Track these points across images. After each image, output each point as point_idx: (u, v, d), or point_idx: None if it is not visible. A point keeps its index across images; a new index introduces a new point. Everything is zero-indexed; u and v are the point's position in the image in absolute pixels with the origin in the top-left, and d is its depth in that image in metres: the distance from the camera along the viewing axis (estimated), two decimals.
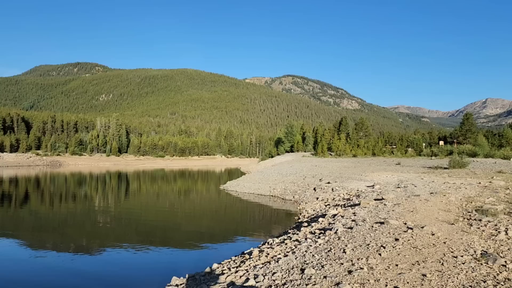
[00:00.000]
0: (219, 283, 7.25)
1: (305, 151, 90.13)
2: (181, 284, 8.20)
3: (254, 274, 6.99)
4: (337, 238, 8.73)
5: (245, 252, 10.34)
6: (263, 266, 7.56)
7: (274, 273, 6.80)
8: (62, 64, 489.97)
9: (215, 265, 9.16)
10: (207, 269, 8.82)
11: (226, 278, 7.33)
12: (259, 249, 9.98)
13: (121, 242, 14.52)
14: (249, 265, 8.18)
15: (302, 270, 6.59)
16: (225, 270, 8.32)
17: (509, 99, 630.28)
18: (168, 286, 8.32)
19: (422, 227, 8.79)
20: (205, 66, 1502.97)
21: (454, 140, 74.40)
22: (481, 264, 6.18)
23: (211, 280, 7.73)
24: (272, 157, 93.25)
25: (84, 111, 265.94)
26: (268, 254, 8.92)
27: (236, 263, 9.06)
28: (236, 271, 7.74)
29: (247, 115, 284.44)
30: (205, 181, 54.50)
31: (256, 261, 8.44)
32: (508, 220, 9.66)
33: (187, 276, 8.64)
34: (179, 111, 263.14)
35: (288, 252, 8.49)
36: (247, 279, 6.73)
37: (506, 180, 19.35)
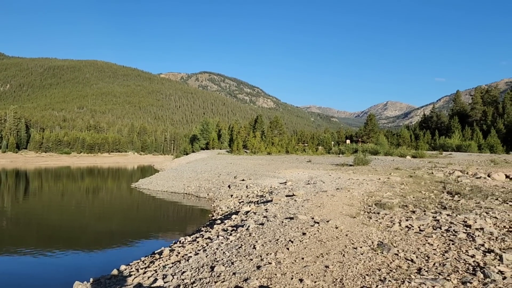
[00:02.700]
0: (125, 286, 6.94)
1: (220, 149, 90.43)
2: None
3: (163, 274, 6.81)
4: (248, 235, 8.86)
5: (155, 252, 10.05)
6: (172, 266, 7.40)
7: (184, 272, 6.69)
8: None
9: (122, 267, 8.76)
10: (114, 272, 8.40)
11: (133, 280, 7.03)
12: (170, 248, 9.77)
13: (17, 247, 13.26)
14: (159, 265, 7.95)
15: (212, 268, 6.57)
16: (133, 271, 7.99)
17: (406, 103, 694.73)
18: None
19: (328, 221, 9.29)
20: (116, 59, 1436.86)
21: (359, 139, 79.91)
22: (377, 254, 6.69)
23: (117, 283, 7.37)
24: (187, 154, 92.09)
25: None
26: (179, 253, 8.76)
27: (145, 263, 8.76)
28: (145, 272, 7.47)
29: (162, 111, 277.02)
30: (116, 179, 52.07)
31: (166, 260, 8.23)
32: (402, 213, 10.61)
33: (91, 280, 8.14)
34: (88, 105, 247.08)
35: (199, 250, 8.42)
36: (155, 280, 6.53)
37: (402, 176, 21.27)
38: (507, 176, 20.38)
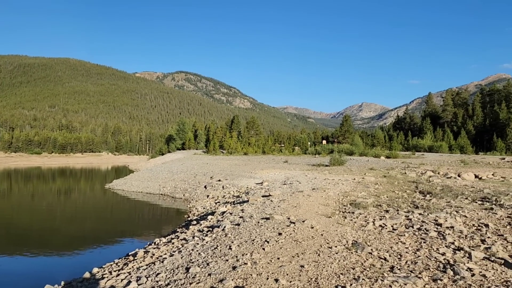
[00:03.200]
0: None
1: (197, 149, 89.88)
2: None
3: (137, 277, 6.70)
4: (224, 235, 8.83)
5: (129, 253, 9.89)
6: (147, 268, 7.29)
7: (158, 273, 6.60)
8: None
9: (95, 270, 8.58)
10: (86, 275, 8.22)
11: (106, 283, 6.89)
12: (144, 250, 9.64)
13: None
14: (133, 267, 7.82)
15: (187, 269, 6.51)
16: (106, 274, 7.83)
17: (381, 104, 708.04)
18: None
19: (303, 221, 9.35)
20: (90, 57, 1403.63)
21: (335, 140, 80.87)
22: (352, 253, 6.79)
23: (89, 286, 7.22)
24: (162, 154, 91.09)
25: None
26: (154, 254, 8.65)
27: (119, 266, 8.60)
28: (118, 275, 7.33)
29: (137, 110, 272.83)
30: (89, 179, 51.02)
31: (141, 262, 8.10)
32: (376, 212, 10.79)
33: (62, 283, 7.95)
34: (60, 104, 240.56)
35: (175, 251, 8.32)
36: (129, 282, 6.42)
37: (376, 176, 21.65)
38: (476, 176, 21.03)
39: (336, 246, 7.20)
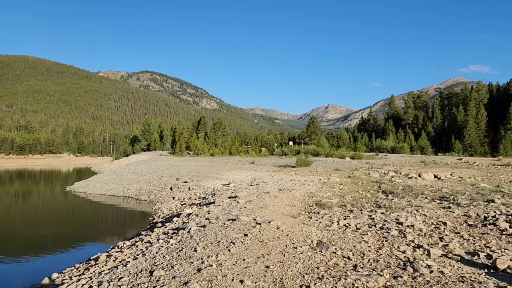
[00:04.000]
0: None
1: (162, 150, 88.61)
2: None
3: (99, 281, 6.51)
4: (190, 237, 8.74)
5: (91, 258, 9.60)
6: (109, 272, 7.09)
7: (121, 278, 6.44)
8: None
9: (54, 275, 8.27)
10: (45, 280, 7.91)
11: None
12: (107, 254, 9.38)
13: None
14: (94, 271, 7.59)
15: (151, 272, 6.39)
16: (66, 279, 7.56)
17: (346, 106, 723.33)
18: None
19: (269, 222, 9.40)
20: (50, 55, 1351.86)
21: (302, 141, 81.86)
22: (316, 252, 6.88)
23: None
24: (127, 155, 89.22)
25: None
26: (117, 258, 8.43)
27: (79, 270, 8.32)
28: (78, 280, 7.10)
29: (101, 111, 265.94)
30: (49, 182, 49.24)
31: (103, 267, 7.88)
32: (340, 212, 10.99)
33: None
34: (18, 104, 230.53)
35: (139, 254, 8.16)
36: (90, 287, 6.24)
37: (341, 177, 22.07)
38: (435, 176, 21.84)
39: (301, 246, 7.27)
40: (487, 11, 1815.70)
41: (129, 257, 8.18)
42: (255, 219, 9.93)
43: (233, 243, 7.61)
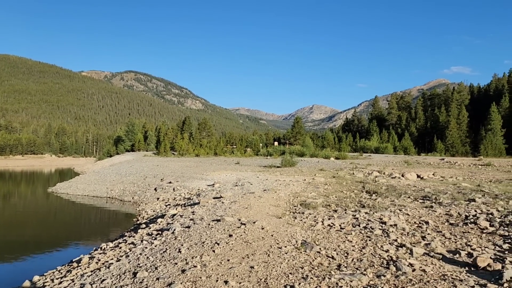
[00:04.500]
0: None
1: (147, 150, 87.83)
2: None
3: (81, 284, 6.41)
4: (174, 238, 8.68)
5: (73, 260, 9.45)
6: (92, 274, 6.99)
7: (104, 280, 6.36)
8: None
9: (36, 278, 8.12)
10: (26, 283, 7.76)
11: None
12: (90, 256, 9.25)
13: None
14: (77, 274, 7.48)
15: (135, 274, 6.32)
16: (47, 282, 7.42)
17: (331, 106, 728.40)
18: None
19: (254, 222, 9.39)
20: (32, 54, 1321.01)
21: (287, 141, 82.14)
22: (301, 252, 6.90)
23: None
24: (111, 156, 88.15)
25: None
26: (100, 260, 8.32)
27: (61, 273, 8.18)
28: (60, 282, 6.98)
29: (84, 111, 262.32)
30: (31, 183, 48.34)
31: (85, 269, 7.77)
32: (325, 212, 11.06)
33: None
34: None
35: (122, 256, 8.06)
36: None
37: (325, 177, 22.21)
38: (418, 176, 22.16)
39: (285, 246, 7.29)
40: (469, 14, 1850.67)
41: (112, 259, 8.08)
42: (240, 220, 9.91)
43: (218, 244, 7.58)
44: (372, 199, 13.41)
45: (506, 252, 6.71)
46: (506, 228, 8.36)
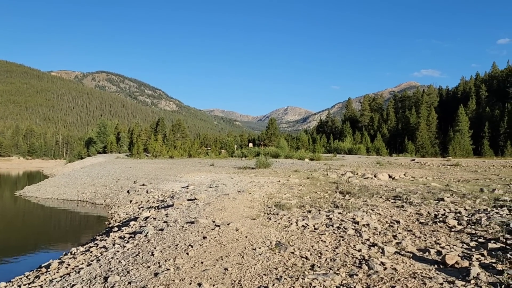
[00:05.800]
0: None
1: (119, 152, 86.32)
2: None
3: None
4: (147, 241, 8.54)
5: (42, 265, 9.15)
6: (61, 279, 6.79)
7: (74, 285, 6.17)
8: None
9: (2, 284, 7.83)
10: None
11: None
12: (59, 261, 8.99)
13: None
14: (45, 279, 7.24)
15: (106, 279, 6.18)
16: None
17: (305, 108, 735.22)
18: None
19: (228, 224, 9.35)
20: None
21: (262, 143, 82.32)
22: (275, 253, 6.92)
23: None
24: (82, 158, 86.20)
25: None
26: (70, 265, 8.09)
27: (29, 279, 7.91)
28: None
29: (53, 112, 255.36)
30: None
31: (54, 274, 7.53)
32: (299, 213, 11.12)
33: None
34: None
35: (93, 260, 7.86)
36: None
37: (300, 178, 22.37)
38: (390, 176, 22.63)
39: (260, 248, 7.28)
40: (438, 18, 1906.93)
41: (82, 263, 7.87)
42: (214, 222, 9.85)
43: (192, 246, 7.50)
44: (346, 200, 13.59)
45: (473, 250, 6.93)
46: (473, 227, 8.64)
